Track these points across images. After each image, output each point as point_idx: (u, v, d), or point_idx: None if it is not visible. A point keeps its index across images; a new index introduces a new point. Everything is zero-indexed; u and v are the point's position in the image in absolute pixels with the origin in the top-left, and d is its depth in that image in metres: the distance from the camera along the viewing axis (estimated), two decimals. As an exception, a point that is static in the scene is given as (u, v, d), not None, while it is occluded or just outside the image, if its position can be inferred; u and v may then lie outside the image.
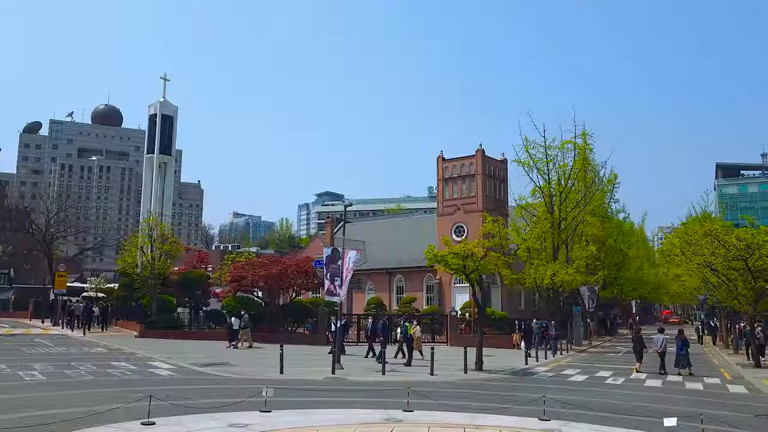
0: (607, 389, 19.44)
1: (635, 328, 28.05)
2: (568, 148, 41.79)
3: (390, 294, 59.27)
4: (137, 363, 22.68)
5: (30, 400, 13.75)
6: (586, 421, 13.18)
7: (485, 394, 17.46)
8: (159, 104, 76.23)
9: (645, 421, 12.96)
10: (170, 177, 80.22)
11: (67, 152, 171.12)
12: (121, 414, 12.01)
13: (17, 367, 19.96)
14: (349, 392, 16.91)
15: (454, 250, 24.21)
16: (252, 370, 21.77)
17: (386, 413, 12.72)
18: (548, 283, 39.01)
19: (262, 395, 12.67)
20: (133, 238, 40.45)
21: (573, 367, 27.26)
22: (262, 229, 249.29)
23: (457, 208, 54.42)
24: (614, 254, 55.08)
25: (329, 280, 23.59)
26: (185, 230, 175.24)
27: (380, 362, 24.90)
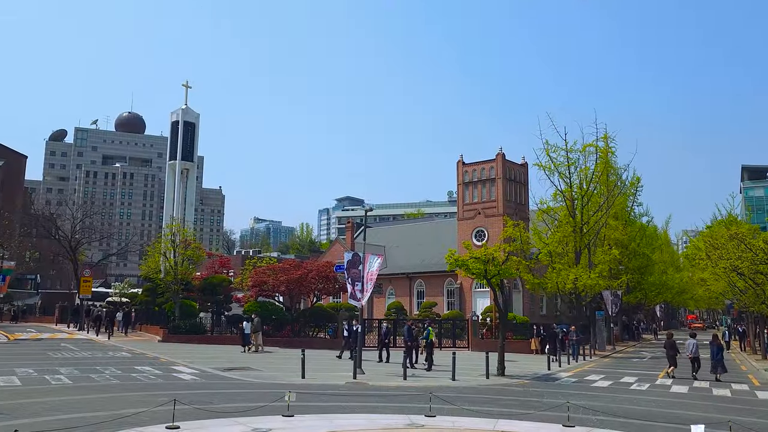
0: (632, 395, 19.17)
1: (668, 332, 27.63)
2: (590, 152, 41.46)
3: (411, 299, 59.17)
4: (161, 367, 22.89)
5: (57, 403, 13.94)
6: (611, 427, 13.01)
7: (507, 399, 17.33)
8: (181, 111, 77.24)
9: (672, 428, 12.77)
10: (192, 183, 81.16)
11: (91, 159, 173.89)
12: (146, 418, 12.13)
13: (44, 371, 20.27)
14: (371, 397, 16.88)
15: (475, 255, 24.10)
16: (274, 374, 21.84)
17: (408, 418, 12.69)
18: (570, 287, 38.65)
19: (285, 400, 12.72)
20: (156, 243, 40.94)
21: (597, 372, 26.94)
22: (283, 235, 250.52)
23: (477, 213, 54.24)
24: (638, 258, 54.41)
25: (351, 285, 23.61)
26: (207, 236, 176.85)
27: (408, 367, 24.97)
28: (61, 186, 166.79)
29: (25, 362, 22.86)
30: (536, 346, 36.79)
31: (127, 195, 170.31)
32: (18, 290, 71.99)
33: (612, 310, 46.07)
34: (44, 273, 79.84)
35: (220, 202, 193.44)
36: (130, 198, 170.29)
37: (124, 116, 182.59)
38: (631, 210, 55.08)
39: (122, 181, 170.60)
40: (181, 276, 38.30)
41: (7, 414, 12.42)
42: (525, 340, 38.46)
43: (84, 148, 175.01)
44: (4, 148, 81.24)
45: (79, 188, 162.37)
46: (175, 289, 38.31)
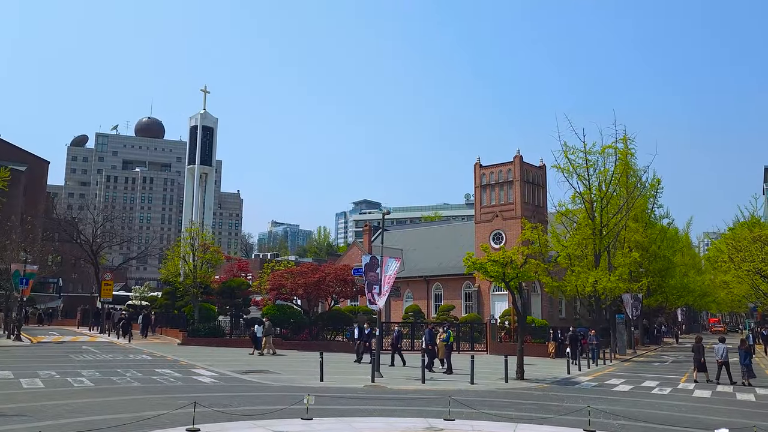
0: (653, 399, 18.93)
1: (696, 336, 27.17)
2: (609, 153, 41.05)
3: (428, 302, 59.07)
4: (180, 370, 23.07)
5: (79, 405, 14.10)
6: (633, 432, 12.87)
7: (527, 403, 17.20)
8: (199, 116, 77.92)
9: (694, 433, 12.58)
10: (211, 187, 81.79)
11: (112, 164, 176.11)
12: (166, 420, 12.22)
13: (66, 373, 20.53)
14: (389, 401, 16.85)
15: (494, 258, 23.98)
16: (292, 377, 21.90)
17: (427, 422, 12.65)
18: (590, 290, 38.29)
19: (304, 403, 12.75)
20: (175, 247, 41.31)
21: (617, 376, 26.65)
22: (300, 238, 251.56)
23: (495, 215, 54.04)
24: (658, 261, 53.77)
25: (368, 289, 23.62)
26: (225, 239, 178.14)
27: (431, 371, 24.98)
28: (82, 191, 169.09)
29: (47, 365, 23.18)
30: (553, 349, 36.56)
31: (147, 199, 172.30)
32: (41, 294, 73.04)
33: (632, 313, 45.57)
34: (66, 277, 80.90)
35: (239, 206, 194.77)
36: (150, 202, 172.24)
37: (144, 121, 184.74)
38: (651, 212, 54.48)
39: (142, 185, 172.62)
40: (200, 279, 38.57)
41: (30, 416, 12.59)
42: (544, 344, 38.20)
43: (105, 153, 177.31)
44: (27, 154, 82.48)
45: (99, 193, 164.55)
46: (194, 293, 38.59)
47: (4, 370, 20.92)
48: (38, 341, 36.35)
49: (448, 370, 25.23)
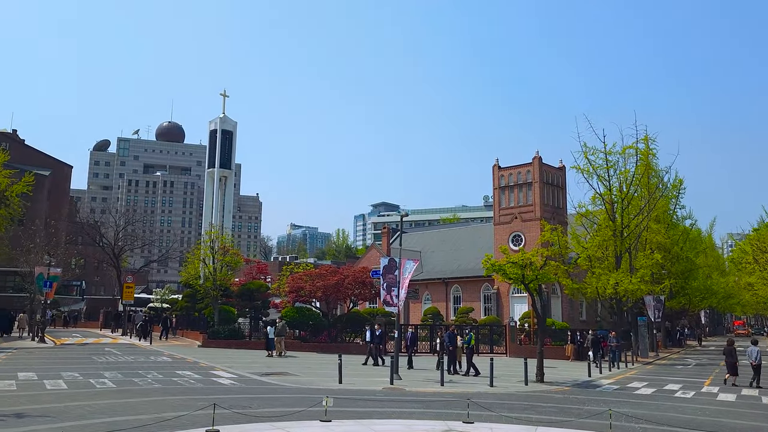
0: (676, 403, 18.64)
1: (728, 339, 26.72)
2: (630, 154, 40.61)
3: (447, 304, 58.91)
4: (200, 372, 23.23)
5: (101, 407, 14.25)
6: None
7: (547, 406, 17.04)
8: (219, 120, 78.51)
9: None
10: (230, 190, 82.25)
11: (133, 168, 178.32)
12: (186, 422, 12.30)
13: (89, 375, 20.78)
14: (408, 403, 16.80)
15: (512, 259, 23.81)
16: (311, 379, 21.94)
17: (446, 425, 12.58)
18: (611, 292, 37.87)
19: (322, 405, 12.76)
20: (195, 250, 41.64)
21: (639, 379, 26.31)
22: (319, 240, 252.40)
23: (514, 217, 53.76)
24: (681, 262, 53.06)
25: (386, 291, 23.60)
26: (244, 242, 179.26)
27: (453, 373, 24.90)
28: (105, 195, 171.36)
29: (71, 366, 23.48)
30: (571, 352, 36.25)
31: (168, 203, 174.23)
32: (64, 296, 74.12)
33: (654, 315, 45.00)
34: (89, 279, 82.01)
35: (258, 209, 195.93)
36: (171, 206, 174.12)
37: (165, 126, 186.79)
38: (673, 213, 53.79)
39: (163, 189, 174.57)
40: (220, 282, 38.84)
41: (54, 416, 12.76)
42: (564, 347, 37.88)
43: (126, 158, 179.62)
44: (51, 159, 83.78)
45: (121, 197, 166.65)
46: (214, 295, 38.88)
47: (29, 371, 21.24)
48: (62, 343, 36.86)
49: (466, 373, 25.13)
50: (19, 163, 71.23)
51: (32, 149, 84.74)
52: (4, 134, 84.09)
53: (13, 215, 48.24)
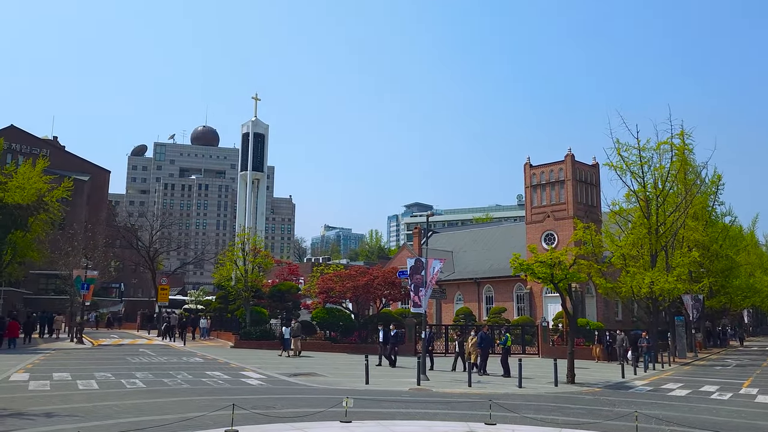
0: (712, 405, 18.09)
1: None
2: (665, 149, 39.64)
3: (479, 304, 58.41)
4: (230, 372, 23.46)
5: (128, 407, 14.48)
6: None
7: (575, 408, 16.71)
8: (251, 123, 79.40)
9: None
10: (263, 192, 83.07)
11: (169, 172, 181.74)
12: (209, 421, 12.41)
13: (121, 375, 21.17)
14: (433, 404, 16.66)
15: (541, 259, 23.46)
16: (339, 380, 21.97)
17: (468, 426, 12.42)
18: (646, 292, 36.99)
19: (343, 405, 12.73)
20: (227, 252, 42.15)
21: (674, 380, 25.65)
22: (353, 241, 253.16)
23: (546, 216, 53.07)
24: (721, 260, 51.59)
25: (414, 291, 23.49)
26: (278, 244, 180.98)
27: (481, 374, 24.67)
28: (142, 198, 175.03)
29: (105, 367, 23.97)
30: (598, 353, 35.58)
31: (203, 206, 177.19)
32: (104, 298, 75.96)
33: (693, 315, 43.86)
34: (127, 281, 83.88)
35: (291, 210, 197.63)
36: (205, 208, 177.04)
37: (199, 130, 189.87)
38: (712, 210, 52.38)
39: (197, 192, 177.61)
40: (251, 283, 39.22)
41: (82, 416, 13.01)
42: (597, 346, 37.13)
43: (162, 162, 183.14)
44: (90, 164, 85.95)
45: (158, 200, 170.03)
46: (245, 297, 39.30)
47: (64, 372, 21.74)
48: (99, 344, 37.70)
49: (505, 374, 24.76)
50: (60, 169, 73.31)
51: (72, 155, 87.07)
52: (46, 141, 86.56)
53: (54, 219, 49.66)
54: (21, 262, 49.28)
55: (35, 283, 71.91)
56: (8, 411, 13.33)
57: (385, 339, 28.74)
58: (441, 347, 38.26)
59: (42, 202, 40.09)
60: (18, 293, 67.27)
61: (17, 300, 65.78)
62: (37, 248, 49.53)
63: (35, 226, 46.13)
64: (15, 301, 64.13)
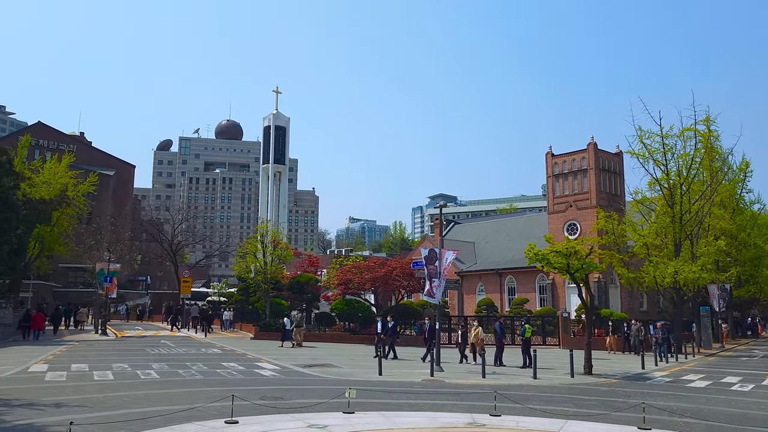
0: (730, 396, 17.65)
1: None
2: (688, 136, 38.71)
3: (501, 295, 57.98)
4: (246, 363, 23.61)
5: (139, 397, 14.63)
6: (695, 431, 11.98)
7: (588, 399, 16.43)
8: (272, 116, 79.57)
9: (765, 433, 11.58)
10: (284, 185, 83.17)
11: (194, 166, 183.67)
12: (213, 412, 12.45)
13: (138, 366, 21.44)
14: (443, 395, 16.53)
15: (557, 248, 23.09)
16: (352, 371, 21.96)
17: (471, 417, 12.27)
18: (669, 281, 36.27)
19: (345, 396, 12.67)
20: (247, 244, 42.40)
21: (696, 371, 25.13)
22: (377, 233, 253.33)
23: (569, 205, 52.41)
24: (749, 249, 50.33)
25: (429, 281, 23.35)
26: (301, 236, 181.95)
27: (498, 365, 24.47)
28: (168, 193, 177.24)
29: (124, 358, 24.32)
30: (612, 344, 34.94)
31: (227, 199, 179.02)
32: (130, 291, 77.21)
33: (719, 305, 42.94)
34: (153, 274, 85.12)
35: (314, 203, 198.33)
36: (229, 201, 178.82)
37: (223, 124, 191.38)
38: (740, 198, 51.12)
39: (222, 185, 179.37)
40: (271, 275, 39.41)
41: (91, 406, 13.17)
42: (620, 338, 36.57)
43: (188, 156, 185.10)
44: (115, 159, 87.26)
45: (183, 194, 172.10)
46: (265, 289, 39.52)
47: (82, 363, 22.09)
48: (122, 336, 38.30)
49: (525, 365, 24.50)
50: (86, 164, 74.51)
51: (98, 150, 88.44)
52: (72, 137, 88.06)
53: (80, 214, 50.52)
54: (48, 256, 50.36)
55: (64, 276, 73.40)
56: (20, 401, 13.55)
57: (383, 330, 27.98)
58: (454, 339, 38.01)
59: (65, 197, 40.75)
60: (47, 286, 68.71)
61: (47, 293, 67.21)
62: (64, 242, 50.56)
63: (62, 220, 47.01)
64: (44, 294, 65.55)
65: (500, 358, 25.36)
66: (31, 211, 35.24)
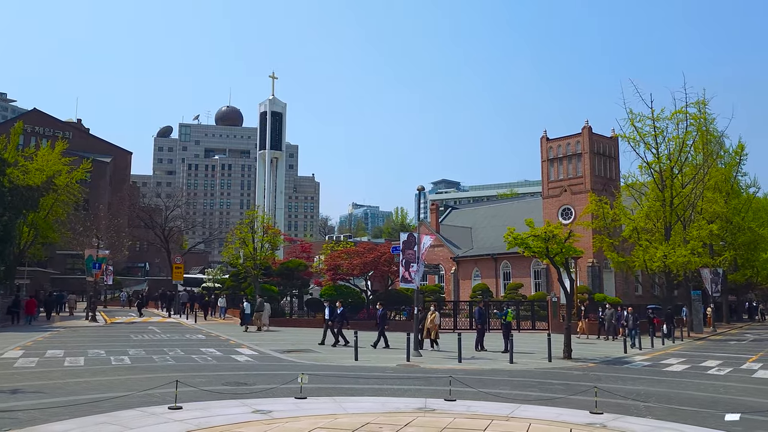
0: (703, 380, 17.48)
1: None
2: (679, 119, 38.34)
3: (497, 280, 57.89)
4: (224, 349, 23.54)
5: (98, 384, 14.54)
6: (655, 415, 11.82)
7: (556, 384, 16.29)
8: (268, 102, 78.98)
9: (720, 416, 11.40)
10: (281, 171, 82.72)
11: (195, 153, 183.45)
12: (168, 398, 12.24)
13: (114, 352, 21.39)
14: (412, 380, 16.43)
15: (535, 232, 22.90)
16: (329, 357, 21.87)
17: (425, 402, 12.14)
18: (658, 265, 36.06)
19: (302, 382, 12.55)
20: (236, 230, 42.28)
21: (679, 356, 24.98)
22: (380, 219, 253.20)
23: (563, 190, 52.13)
24: (744, 233, 49.97)
25: (404, 267, 23.20)
26: (301, 222, 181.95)
27: (480, 350, 24.28)
28: (169, 179, 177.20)
29: (103, 344, 24.29)
30: (584, 328, 34.46)
31: (226, 185, 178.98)
32: (127, 277, 77.49)
33: (712, 289, 42.74)
34: (152, 261, 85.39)
35: (314, 189, 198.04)
36: (229, 188, 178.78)
37: (223, 110, 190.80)
38: (735, 182, 50.68)
39: (221, 172, 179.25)
40: (260, 261, 39.32)
41: (47, 393, 13.06)
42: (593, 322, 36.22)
43: (188, 143, 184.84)
44: (112, 146, 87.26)
45: (182, 181, 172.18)
46: (254, 274, 39.46)
47: (59, 349, 22.03)
48: (112, 322, 38.36)
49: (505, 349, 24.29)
50: (83, 150, 74.50)
51: (95, 137, 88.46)
52: (69, 124, 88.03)
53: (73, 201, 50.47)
54: (43, 243, 50.48)
55: (62, 263, 73.71)
56: (-22, 387, 13.49)
57: (331, 316, 26.44)
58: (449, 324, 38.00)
59: (51, 183, 40.64)
60: (45, 273, 69.07)
61: (45, 280, 67.57)
62: (58, 229, 50.62)
63: (56, 207, 47.09)
64: (42, 281, 65.90)
65: (481, 343, 25.25)
66: (18, 197, 35.16)
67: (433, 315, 24.90)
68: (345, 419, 9.82)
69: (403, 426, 9.29)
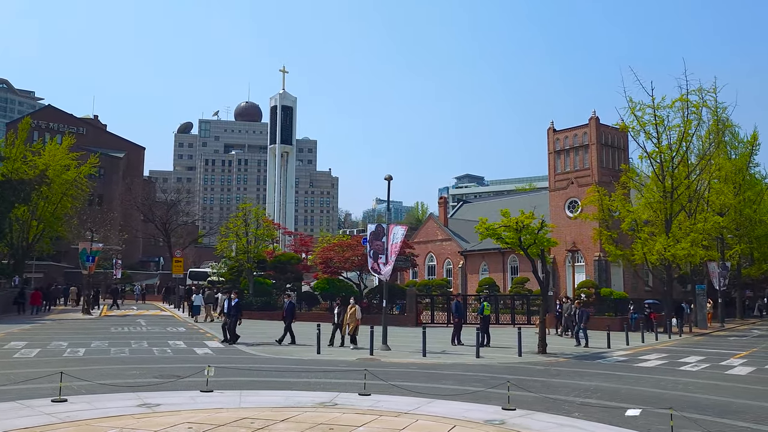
0: (669, 376, 16.55)
1: None
2: (680, 107, 36.83)
3: (504, 274, 56.92)
4: (193, 342, 23.22)
5: (26, 375, 14.06)
6: (587, 412, 11.01)
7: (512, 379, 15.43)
8: (278, 96, 78.60)
9: (657, 414, 10.60)
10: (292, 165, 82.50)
11: (214, 149, 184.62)
12: (67, 390, 11.69)
13: (75, 344, 21.18)
14: (354, 373, 15.81)
15: (506, 223, 22.08)
16: (293, 350, 21.39)
17: (335, 396, 11.54)
18: (657, 258, 34.76)
19: (208, 375, 12.05)
20: (228, 224, 42.02)
21: (663, 351, 23.96)
22: (402, 214, 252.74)
23: (570, 182, 50.88)
24: (756, 226, 48.08)
25: (372, 258, 22.62)
26: (317, 217, 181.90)
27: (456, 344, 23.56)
28: (189, 175, 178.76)
29: (74, 336, 24.15)
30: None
31: (242, 180, 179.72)
32: (139, 272, 78.22)
33: (719, 283, 41.26)
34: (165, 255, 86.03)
35: (331, 184, 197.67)
36: (245, 183, 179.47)
37: (242, 106, 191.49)
38: (746, 172, 48.78)
39: (237, 167, 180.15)
40: (253, 254, 39.03)
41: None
42: (617, 318, 35.13)
43: (207, 139, 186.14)
44: (126, 141, 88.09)
45: (199, 176, 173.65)
46: (248, 268, 39.21)
47: (25, 341, 21.94)
48: (105, 315, 38.48)
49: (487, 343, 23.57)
50: (97, 146, 75.37)
51: (109, 133, 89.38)
52: (84, 120, 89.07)
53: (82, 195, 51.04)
54: (51, 237, 51.12)
55: (75, 257, 74.71)
56: None
57: (228, 310, 23.77)
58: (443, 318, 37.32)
59: (44, 176, 40.96)
60: (59, 267, 70.07)
61: (59, 274, 68.54)
62: (67, 223, 51.22)
63: (64, 201, 47.64)
64: (55, 275, 66.85)
65: (458, 337, 24.55)
66: (9, 191, 35.44)
67: (353, 309, 22.86)
68: (226, 414, 9.29)
69: (277, 422, 8.72)
